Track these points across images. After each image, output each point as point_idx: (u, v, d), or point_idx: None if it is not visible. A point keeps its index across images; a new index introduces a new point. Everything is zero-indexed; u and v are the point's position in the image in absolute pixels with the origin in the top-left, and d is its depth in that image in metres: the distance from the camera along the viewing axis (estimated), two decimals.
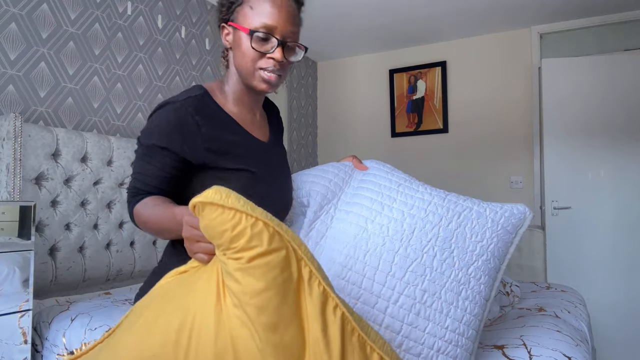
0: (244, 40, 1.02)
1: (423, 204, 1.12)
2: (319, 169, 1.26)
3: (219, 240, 0.70)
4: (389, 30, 3.73)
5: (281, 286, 0.70)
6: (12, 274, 1.47)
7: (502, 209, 1.14)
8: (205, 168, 1.02)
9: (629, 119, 3.21)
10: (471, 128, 3.85)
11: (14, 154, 1.76)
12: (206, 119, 1.01)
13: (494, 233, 1.11)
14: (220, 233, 0.69)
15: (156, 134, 1.00)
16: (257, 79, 1.05)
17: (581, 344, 1.35)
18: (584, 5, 3.24)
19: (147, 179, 1.02)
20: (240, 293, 0.69)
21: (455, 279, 1.05)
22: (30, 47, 2.09)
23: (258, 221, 0.70)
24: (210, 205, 0.69)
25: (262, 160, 1.09)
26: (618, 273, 3.17)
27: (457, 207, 1.13)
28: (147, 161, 1.02)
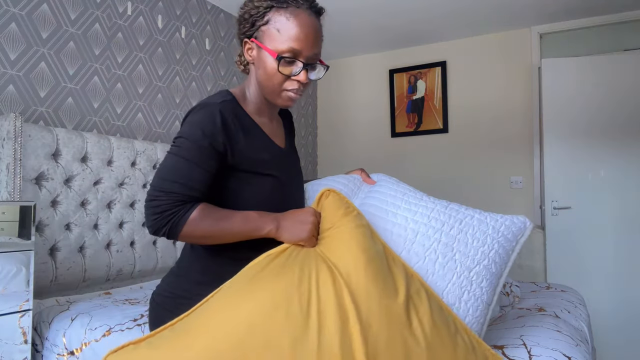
0: (270, 62, 1.04)
1: (426, 210, 1.17)
2: (329, 178, 1.32)
3: (334, 214, 1.04)
4: (389, 30, 3.73)
5: (379, 251, 1.01)
6: (12, 273, 1.47)
7: (502, 218, 1.18)
8: (234, 170, 1.04)
9: (629, 118, 3.21)
10: (471, 128, 3.85)
11: (14, 154, 1.76)
12: (240, 124, 1.05)
13: (494, 240, 1.14)
14: (336, 209, 1.05)
15: (201, 134, 0.99)
16: (281, 98, 1.09)
17: (581, 344, 1.35)
18: (584, 5, 3.24)
19: (195, 183, 0.98)
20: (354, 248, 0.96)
21: (457, 282, 1.08)
22: (31, 47, 2.10)
23: (358, 211, 1.09)
24: (334, 193, 1.10)
25: (282, 165, 1.13)
26: (618, 273, 3.17)
27: (459, 215, 1.17)
28: (194, 163, 0.98)
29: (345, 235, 0.99)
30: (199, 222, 0.98)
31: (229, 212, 1.02)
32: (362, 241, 0.98)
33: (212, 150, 1.00)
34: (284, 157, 1.16)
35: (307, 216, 1.02)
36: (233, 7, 3.27)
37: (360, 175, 1.34)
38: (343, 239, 0.98)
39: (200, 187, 1.00)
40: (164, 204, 0.96)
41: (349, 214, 1.04)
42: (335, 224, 1.01)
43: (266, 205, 1.06)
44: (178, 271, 1.13)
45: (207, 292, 1.00)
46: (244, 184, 1.06)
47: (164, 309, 1.08)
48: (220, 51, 3.26)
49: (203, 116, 1.01)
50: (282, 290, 0.88)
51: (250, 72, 1.14)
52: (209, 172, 1.00)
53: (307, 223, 1.01)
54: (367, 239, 0.99)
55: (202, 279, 1.07)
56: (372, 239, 1.02)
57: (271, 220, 1.02)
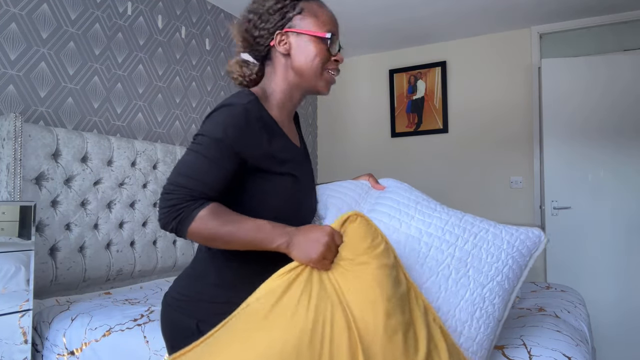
0: (314, 45, 1.09)
1: (440, 222, 1.13)
2: (337, 183, 1.28)
3: (358, 245, 0.93)
4: (389, 30, 3.73)
5: (402, 297, 0.91)
6: (11, 273, 1.47)
7: (517, 232, 1.15)
8: (256, 171, 1.03)
9: (629, 118, 3.21)
10: (471, 128, 3.85)
11: (14, 154, 1.76)
12: (264, 124, 1.04)
13: (509, 255, 1.12)
14: (361, 240, 0.93)
15: (224, 134, 0.97)
16: (323, 80, 1.11)
17: (581, 344, 1.35)
18: (584, 5, 3.24)
19: (210, 181, 0.97)
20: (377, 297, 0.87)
21: (470, 298, 1.06)
22: (31, 47, 2.10)
23: (388, 243, 0.97)
24: (362, 218, 0.96)
25: (300, 165, 1.13)
26: (618, 273, 3.17)
27: (474, 228, 1.14)
28: (210, 160, 0.96)
29: (369, 276, 0.89)
30: (207, 220, 0.94)
31: (242, 217, 0.98)
32: (386, 287, 0.88)
33: (232, 151, 0.98)
34: (300, 157, 1.16)
35: (322, 235, 0.94)
36: (233, 7, 3.27)
37: (369, 180, 1.31)
38: (366, 280, 0.89)
39: (215, 185, 0.97)
40: (175, 197, 0.95)
41: (376, 247, 0.92)
42: (359, 257, 0.91)
43: (286, 205, 1.06)
44: (194, 273, 1.10)
45: (224, 295, 1.00)
46: (265, 183, 1.04)
47: (180, 312, 1.06)
48: (221, 51, 3.26)
49: (227, 115, 0.99)
50: (294, 343, 0.83)
51: (276, 68, 1.12)
52: (227, 173, 0.98)
53: (321, 243, 0.93)
54: (392, 283, 0.90)
55: (219, 282, 1.05)
56: (397, 281, 0.92)
57: (283, 233, 0.96)
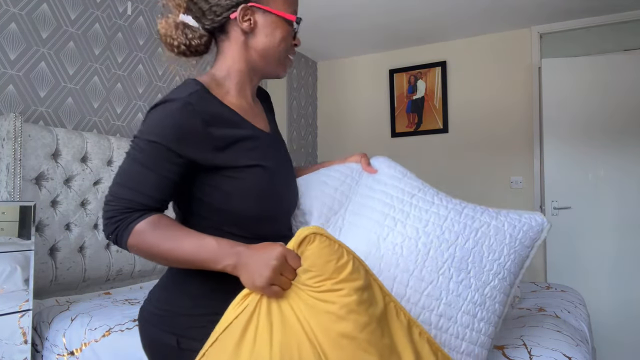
0: (281, 27, 0.98)
1: (439, 219, 1.04)
2: (324, 174, 1.16)
3: (322, 269, 0.78)
4: (389, 30, 3.73)
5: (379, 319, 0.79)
6: (6, 273, 1.46)
7: (520, 222, 1.08)
8: (217, 169, 0.91)
9: (629, 118, 3.21)
10: (471, 128, 3.84)
11: (14, 154, 1.76)
12: (212, 117, 0.90)
13: (511, 249, 1.06)
14: (325, 262, 0.78)
15: (160, 135, 0.86)
16: (284, 65, 1.03)
17: (581, 344, 1.35)
18: (584, 5, 3.24)
19: (147, 190, 0.87)
20: (350, 329, 0.75)
21: (472, 300, 1.00)
22: (30, 47, 2.09)
23: (356, 259, 0.81)
24: (321, 237, 0.79)
25: (269, 152, 1.00)
26: (618, 273, 3.17)
27: (475, 223, 1.05)
28: (146, 167, 0.87)
29: (338, 306, 0.76)
30: (145, 235, 0.85)
31: (185, 232, 0.86)
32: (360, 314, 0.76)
33: (172, 153, 0.87)
34: (270, 143, 1.02)
35: (271, 257, 0.78)
36: None
37: (360, 161, 1.17)
38: (335, 310, 0.75)
39: (155, 195, 0.87)
40: (112, 209, 0.87)
41: (342, 268, 0.78)
42: (325, 283, 0.77)
43: (263, 201, 0.95)
44: (171, 283, 0.98)
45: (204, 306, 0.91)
46: (230, 180, 0.92)
47: (159, 329, 0.95)
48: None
49: (164, 114, 0.87)
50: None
51: (232, 45, 0.99)
52: (169, 179, 0.87)
53: (268, 267, 0.78)
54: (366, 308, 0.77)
55: (199, 292, 0.93)
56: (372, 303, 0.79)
57: (230, 254, 0.83)
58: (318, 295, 0.77)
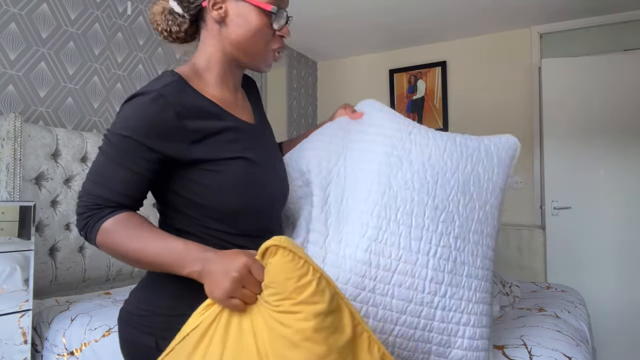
0: (256, 17, 0.90)
1: (439, 151, 1.10)
2: (313, 134, 1.17)
3: (281, 287, 0.69)
4: (389, 30, 3.73)
5: (342, 350, 0.69)
6: (6, 273, 1.46)
7: (500, 142, 1.20)
8: (195, 163, 0.87)
9: (629, 118, 3.21)
10: (471, 128, 3.84)
11: (14, 154, 1.76)
12: (188, 109, 0.86)
13: (499, 168, 1.17)
14: (285, 280, 0.68)
15: (130, 129, 0.83)
16: (265, 58, 0.94)
17: (581, 344, 1.35)
18: (584, 5, 3.24)
19: (117, 186, 0.84)
20: (300, 358, 0.66)
21: (478, 219, 1.09)
22: (30, 47, 2.09)
23: (322, 278, 0.70)
24: (283, 250, 0.69)
25: (254, 144, 0.95)
26: (618, 273, 3.16)
27: (469, 150, 1.14)
28: (116, 162, 0.84)
29: (293, 331, 0.67)
30: (111, 234, 0.82)
31: (153, 233, 0.83)
32: (315, 345, 0.67)
33: (144, 148, 0.83)
34: (255, 135, 0.97)
35: (232, 268, 0.73)
36: None
37: (345, 113, 1.16)
38: (290, 335, 0.67)
39: (124, 190, 0.84)
40: (82, 204, 0.86)
41: (303, 289, 0.69)
42: (283, 303, 0.69)
43: (242, 194, 0.90)
44: (151, 282, 0.94)
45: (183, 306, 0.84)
46: (211, 175, 0.88)
47: (138, 329, 0.91)
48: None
49: (136, 107, 0.84)
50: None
51: (208, 35, 0.96)
52: (139, 174, 0.84)
53: (228, 278, 0.72)
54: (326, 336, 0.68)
55: (178, 292, 0.87)
56: (335, 330, 0.70)
57: (196, 259, 0.78)
58: (276, 315, 0.69)
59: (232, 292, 0.72)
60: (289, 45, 4.05)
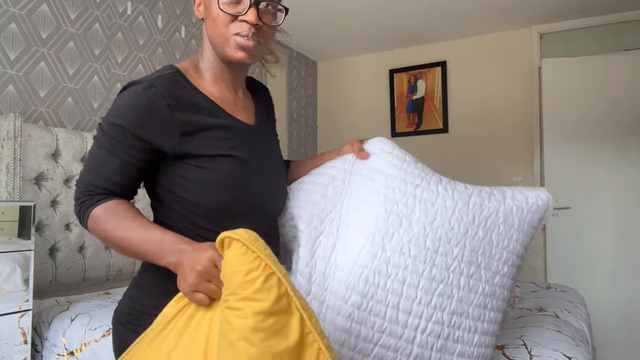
0: (214, 4, 0.90)
1: (446, 212, 0.97)
2: (313, 174, 1.10)
3: (230, 281, 0.65)
4: (389, 30, 3.73)
5: (279, 356, 0.63)
6: (6, 273, 1.46)
7: (527, 204, 1.03)
8: (184, 157, 0.88)
9: (629, 118, 3.21)
10: (471, 128, 3.84)
11: (14, 154, 1.76)
12: (180, 101, 0.88)
13: (520, 233, 1.03)
14: (234, 273, 0.65)
15: (122, 118, 0.85)
16: (231, 46, 0.91)
17: (581, 344, 1.35)
18: (584, 5, 3.24)
19: (108, 174, 0.86)
20: (232, 358, 0.62)
21: (483, 292, 0.96)
22: (30, 47, 2.09)
23: (274, 275, 0.65)
24: (237, 242, 0.66)
25: (247, 144, 0.95)
26: (618, 273, 3.16)
27: (483, 212, 1.00)
28: (108, 150, 0.86)
29: (232, 328, 0.63)
30: (99, 221, 0.85)
31: (138, 222, 0.83)
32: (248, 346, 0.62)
33: (134, 137, 0.85)
34: (250, 135, 0.97)
35: (198, 262, 0.72)
36: None
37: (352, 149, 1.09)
38: (228, 338, 0.63)
39: (115, 178, 0.86)
40: (78, 191, 0.89)
41: (249, 284, 0.64)
42: (229, 300, 0.65)
43: (229, 192, 0.90)
44: (141, 281, 0.96)
45: None
46: (198, 170, 0.88)
47: (128, 328, 0.92)
48: None
49: (128, 97, 0.86)
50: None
51: (203, 35, 0.98)
52: (130, 163, 0.86)
53: (192, 272, 0.71)
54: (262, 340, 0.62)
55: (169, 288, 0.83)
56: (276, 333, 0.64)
57: (174, 251, 0.77)
58: (225, 312, 0.65)
59: (196, 286, 0.71)
60: (289, 45, 4.05)
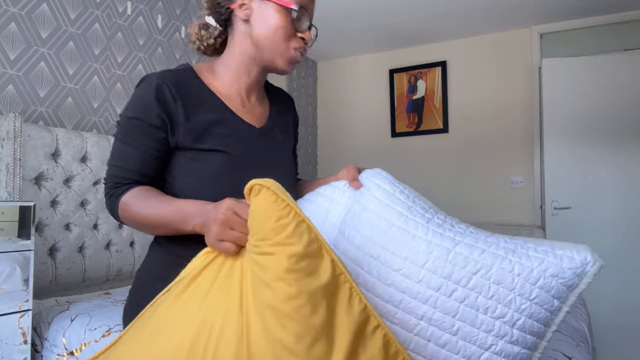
0: (277, 15, 0.94)
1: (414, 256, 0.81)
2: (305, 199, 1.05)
3: (260, 227, 0.67)
4: (389, 30, 3.73)
5: (313, 295, 0.65)
6: (7, 273, 1.46)
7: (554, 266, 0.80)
8: (180, 149, 0.94)
9: (630, 118, 3.21)
10: (471, 128, 3.84)
11: (13, 154, 1.76)
12: (183, 94, 0.93)
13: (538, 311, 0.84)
14: (264, 219, 0.67)
15: (133, 110, 0.92)
16: (285, 58, 0.96)
17: (581, 344, 1.35)
18: (584, 5, 3.24)
19: (130, 165, 0.92)
20: (272, 298, 0.65)
21: None
22: (30, 47, 2.09)
23: (304, 222, 0.68)
24: (267, 190, 0.68)
25: (246, 144, 0.97)
26: (618, 273, 3.16)
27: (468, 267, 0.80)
28: (128, 144, 0.92)
29: (266, 270, 0.66)
30: (129, 206, 0.90)
31: (165, 199, 0.89)
32: (285, 285, 0.64)
33: (147, 127, 0.91)
34: (252, 136, 0.99)
35: (219, 212, 0.74)
36: None
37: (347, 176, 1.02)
38: (263, 280, 0.66)
39: (137, 168, 0.92)
40: (106, 187, 0.95)
41: (280, 230, 0.66)
42: (261, 245, 0.67)
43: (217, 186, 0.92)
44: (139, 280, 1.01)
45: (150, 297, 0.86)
46: (189, 162, 0.93)
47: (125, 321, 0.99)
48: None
49: (140, 91, 0.93)
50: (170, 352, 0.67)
51: (234, 35, 1.00)
52: (147, 152, 0.92)
53: (216, 222, 0.73)
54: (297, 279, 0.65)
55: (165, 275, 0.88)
56: (309, 274, 0.66)
57: (199, 213, 0.80)
58: (255, 257, 0.68)
59: (221, 235, 0.72)
60: None
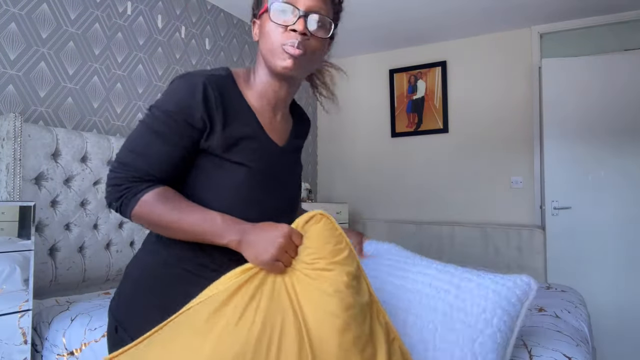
0: (266, 22, 0.94)
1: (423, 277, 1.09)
2: None
3: (319, 248, 0.84)
4: (389, 30, 3.73)
5: (363, 308, 0.83)
6: (7, 273, 1.46)
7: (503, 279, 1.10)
8: (206, 153, 0.92)
9: (629, 118, 3.20)
10: (471, 128, 3.84)
11: (14, 154, 1.76)
12: (225, 102, 0.92)
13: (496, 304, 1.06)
14: (324, 242, 0.85)
15: (175, 105, 0.88)
16: (280, 55, 0.93)
17: (581, 344, 1.35)
18: (584, 5, 3.24)
19: (157, 160, 0.88)
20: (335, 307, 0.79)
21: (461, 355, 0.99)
22: (30, 47, 2.09)
23: (352, 251, 0.88)
24: (327, 219, 0.88)
25: (268, 161, 0.98)
26: (618, 273, 3.16)
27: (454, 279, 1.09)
28: (160, 137, 0.88)
29: (328, 284, 0.81)
30: (152, 206, 0.87)
31: (192, 205, 0.88)
32: (346, 296, 0.81)
33: (185, 125, 0.88)
34: (276, 155, 1.01)
35: (277, 235, 0.83)
36: (233, 7, 3.27)
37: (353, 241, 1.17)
38: (324, 288, 0.81)
39: (161, 164, 0.88)
40: (120, 176, 0.89)
41: (338, 252, 0.85)
42: (320, 262, 0.83)
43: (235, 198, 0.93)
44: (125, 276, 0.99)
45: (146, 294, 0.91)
46: (215, 168, 0.92)
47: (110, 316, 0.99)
48: (220, 51, 3.26)
49: (182, 86, 0.89)
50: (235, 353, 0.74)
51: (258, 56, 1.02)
52: (177, 151, 0.89)
53: (275, 244, 0.82)
54: (353, 292, 0.82)
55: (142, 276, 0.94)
56: (359, 291, 0.84)
57: (236, 230, 0.86)
58: (311, 272, 0.82)
59: (278, 256, 0.82)
60: None
